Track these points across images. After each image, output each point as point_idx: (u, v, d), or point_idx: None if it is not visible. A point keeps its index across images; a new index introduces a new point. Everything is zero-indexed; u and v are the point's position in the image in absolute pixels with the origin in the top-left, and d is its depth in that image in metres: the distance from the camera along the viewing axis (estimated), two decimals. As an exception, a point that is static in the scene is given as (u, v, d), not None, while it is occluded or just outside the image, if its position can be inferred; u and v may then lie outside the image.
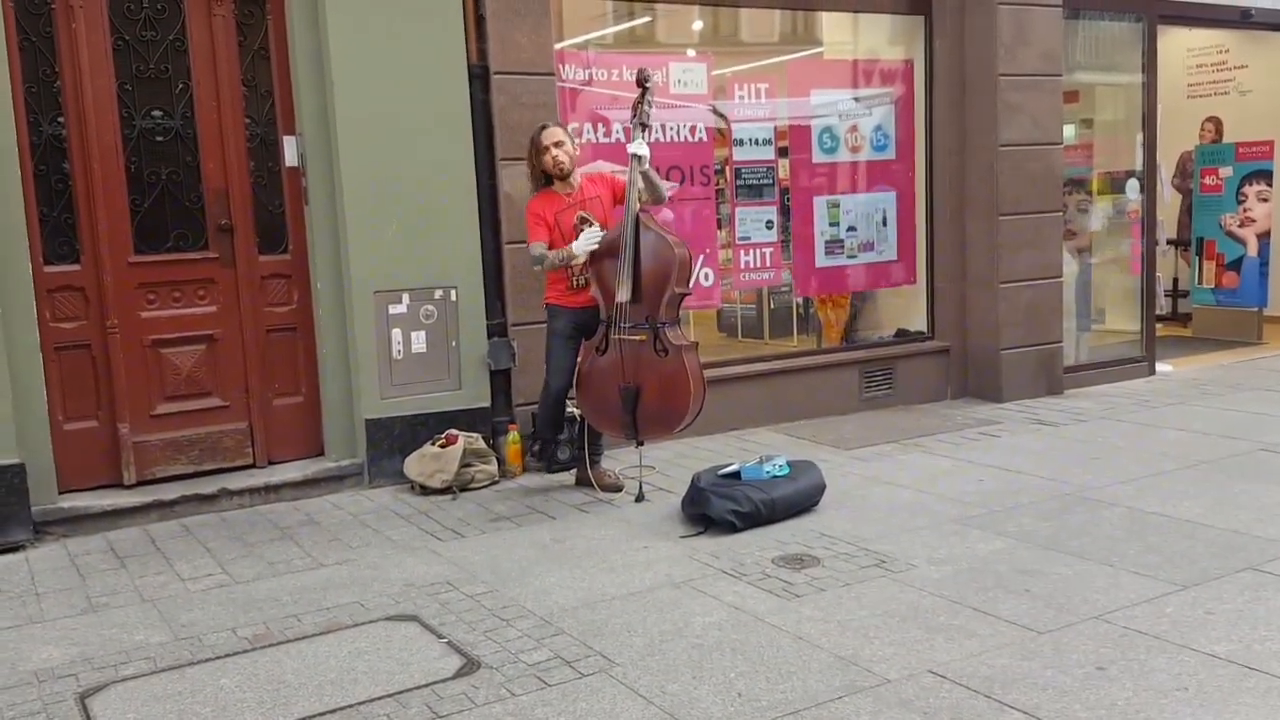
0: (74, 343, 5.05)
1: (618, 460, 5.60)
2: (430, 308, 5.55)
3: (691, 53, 6.61)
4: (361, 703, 3.10)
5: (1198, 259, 9.55)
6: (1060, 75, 7.16)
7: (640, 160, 4.90)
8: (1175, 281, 10.42)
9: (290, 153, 5.41)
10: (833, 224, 7.04)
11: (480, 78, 5.59)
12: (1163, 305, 9.40)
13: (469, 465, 5.35)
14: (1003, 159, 6.95)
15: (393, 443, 5.47)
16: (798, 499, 4.72)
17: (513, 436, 5.64)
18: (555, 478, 5.55)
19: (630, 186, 4.94)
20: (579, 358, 5.14)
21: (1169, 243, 10.03)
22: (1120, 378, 7.76)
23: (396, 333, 5.48)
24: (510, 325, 5.75)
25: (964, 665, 3.19)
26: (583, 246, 4.91)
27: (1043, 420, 6.58)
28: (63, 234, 5.02)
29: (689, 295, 5.15)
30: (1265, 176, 9.08)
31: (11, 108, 4.71)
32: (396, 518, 4.98)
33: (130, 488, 5.12)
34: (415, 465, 5.38)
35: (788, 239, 6.94)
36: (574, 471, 5.47)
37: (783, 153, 6.86)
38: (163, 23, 5.14)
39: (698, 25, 6.82)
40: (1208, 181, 9.43)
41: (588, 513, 4.95)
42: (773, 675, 3.17)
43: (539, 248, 5.00)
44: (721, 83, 6.65)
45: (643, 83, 5.03)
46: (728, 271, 6.77)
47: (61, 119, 4.97)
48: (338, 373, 5.51)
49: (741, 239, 6.74)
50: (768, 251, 6.81)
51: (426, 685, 3.19)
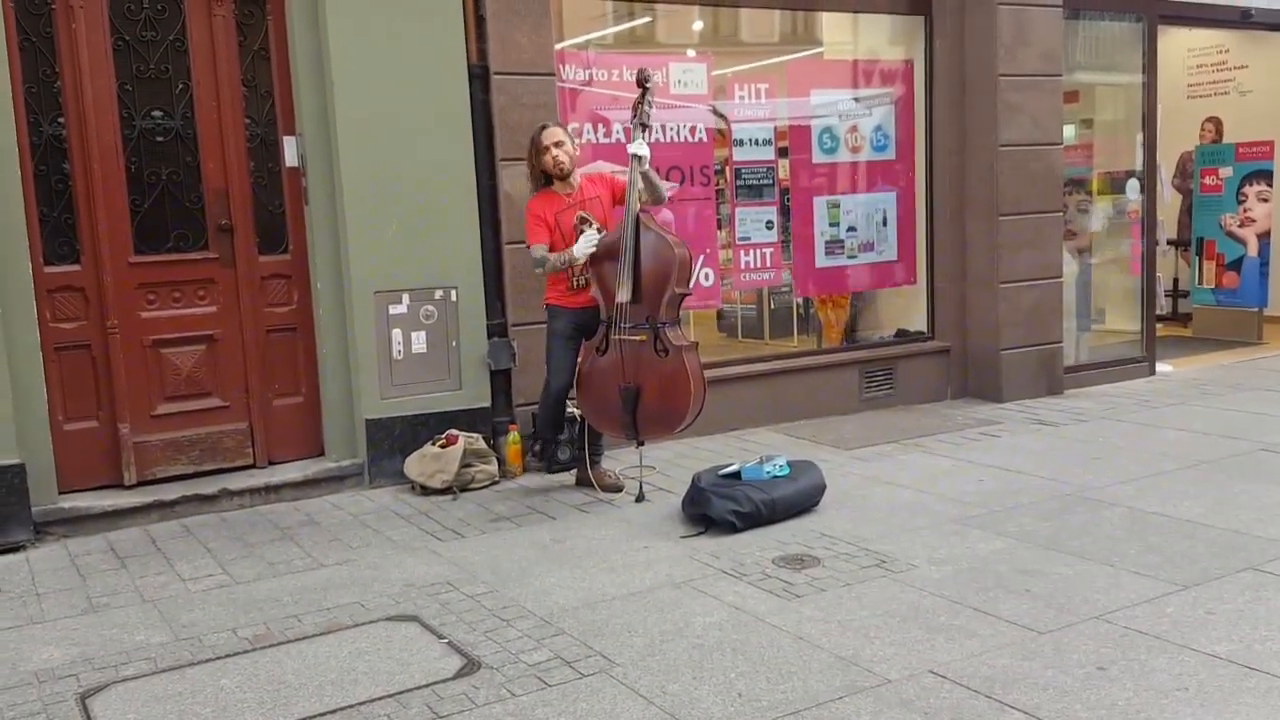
0: (74, 343, 5.05)
1: (618, 460, 5.60)
2: (430, 308, 5.55)
3: (691, 53, 6.61)
4: (362, 703, 3.10)
5: (1198, 259, 9.55)
6: (1060, 75, 7.16)
7: (640, 161, 4.90)
8: (1175, 281, 10.42)
9: (290, 153, 5.41)
10: (833, 224, 7.04)
11: (480, 78, 5.59)
12: (1163, 305, 9.41)
13: (469, 465, 5.35)
14: (1003, 159, 6.95)
15: (393, 443, 5.47)
16: (798, 499, 4.72)
17: (513, 437, 5.64)
18: (555, 478, 5.55)
19: (630, 187, 4.94)
20: (579, 358, 5.15)
21: (1169, 243, 10.04)
22: (1120, 378, 7.76)
23: (397, 333, 5.49)
24: (510, 325, 5.76)
25: (964, 665, 3.19)
26: (583, 249, 4.91)
27: (1043, 420, 6.58)
28: (63, 234, 5.03)
29: (689, 295, 5.15)
30: (1265, 176, 9.08)
31: (11, 108, 4.71)
32: (397, 518, 4.98)
33: (131, 488, 5.13)
34: (415, 465, 5.38)
35: (788, 239, 6.94)
36: (574, 472, 5.48)
37: (783, 153, 6.86)
38: (163, 23, 5.14)
39: (698, 25, 6.82)
40: (1208, 181, 9.43)
41: (588, 513, 4.95)
42: (773, 675, 3.17)
43: (540, 250, 5.01)
44: (721, 83, 6.65)
45: (643, 83, 5.03)
46: (728, 272, 6.77)
47: (61, 119, 4.97)
48: (338, 373, 5.51)
49: (741, 239, 6.74)
50: (768, 252, 6.81)
51: (427, 685, 3.19)
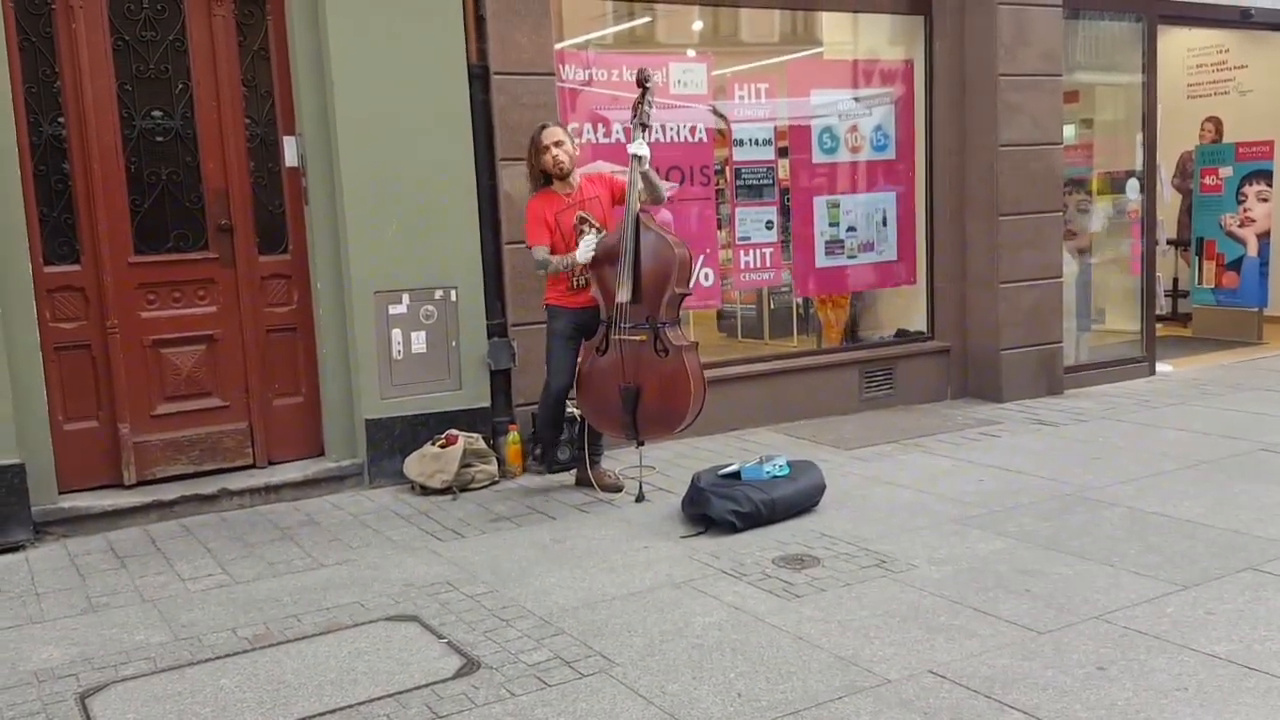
0: (74, 343, 5.05)
1: (618, 460, 5.60)
2: (430, 308, 5.55)
3: (691, 53, 6.61)
4: (361, 703, 3.10)
5: (1198, 259, 9.55)
6: (1060, 75, 7.16)
7: (640, 161, 4.90)
8: (1175, 281, 10.42)
9: (290, 153, 5.41)
10: (833, 224, 7.04)
11: (480, 78, 5.59)
12: (1163, 305, 9.40)
13: (469, 465, 5.35)
14: (1003, 159, 6.95)
15: (393, 443, 5.47)
16: (798, 499, 4.72)
17: (513, 437, 5.64)
18: (555, 478, 5.55)
19: (630, 187, 4.93)
20: (579, 358, 5.14)
21: (1169, 243, 10.04)
22: (1120, 378, 7.76)
23: (396, 333, 5.48)
24: (510, 325, 5.76)
25: (964, 665, 3.19)
26: (584, 254, 4.91)
27: (1043, 420, 6.58)
28: (63, 234, 5.03)
29: (689, 295, 5.15)
30: (1265, 176, 9.08)
31: (11, 108, 4.71)
32: (397, 518, 4.98)
33: (130, 488, 5.13)
34: (415, 465, 5.38)
35: (788, 239, 6.94)
36: (574, 471, 5.47)
37: (783, 153, 6.86)
38: (163, 23, 5.14)
39: (698, 25, 6.82)
40: (1208, 181, 9.43)
41: (588, 513, 4.95)
42: (773, 675, 3.17)
43: (541, 252, 5.01)
44: (721, 83, 6.65)
45: (643, 83, 5.03)
46: (728, 272, 6.77)
47: (61, 119, 4.97)
48: (338, 373, 5.51)
49: (741, 239, 6.74)
50: (768, 252, 6.81)
51: (426, 685, 3.19)
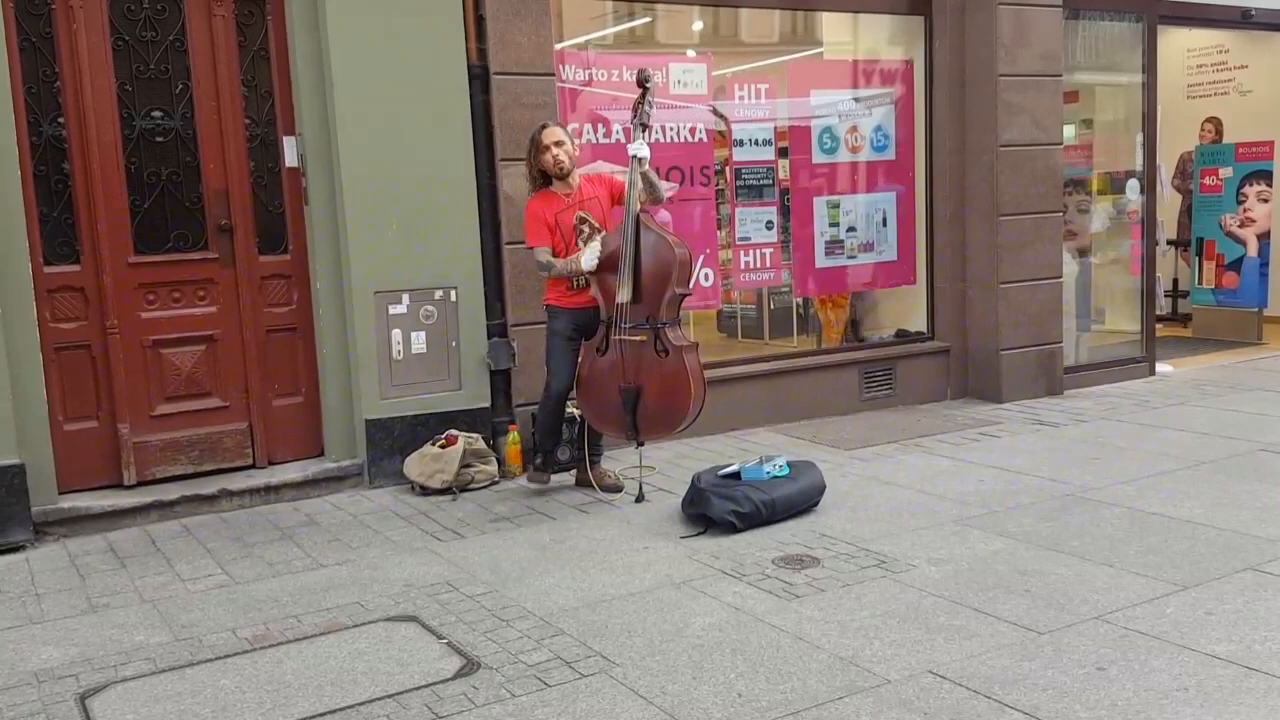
0: (74, 343, 5.05)
1: (618, 460, 5.60)
2: (430, 308, 5.55)
3: (691, 53, 6.60)
4: (361, 703, 3.10)
5: (1198, 259, 9.55)
6: (1060, 75, 7.16)
7: (641, 162, 4.90)
8: (1175, 282, 10.42)
9: (290, 153, 5.41)
10: (833, 224, 7.04)
11: (480, 78, 5.59)
12: (1163, 305, 9.40)
13: (469, 466, 5.35)
14: (1003, 159, 6.95)
15: (393, 443, 5.47)
16: (798, 499, 4.72)
17: (513, 437, 5.64)
18: (555, 478, 5.53)
19: (630, 187, 4.93)
20: (579, 358, 5.14)
21: (1169, 243, 10.04)
22: (1120, 378, 7.76)
23: (396, 333, 5.48)
24: (510, 325, 5.75)
25: (964, 665, 3.19)
26: (588, 262, 4.91)
27: (1043, 420, 6.58)
28: (63, 234, 5.02)
29: (689, 295, 5.15)
30: (1265, 177, 9.08)
31: (11, 108, 4.71)
32: (396, 518, 4.98)
33: (130, 488, 5.12)
34: (415, 466, 5.38)
35: (788, 239, 6.94)
36: (574, 472, 5.47)
37: (783, 153, 6.86)
38: (163, 23, 5.14)
39: (698, 25, 6.82)
40: (1208, 182, 9.43)
41: (588, 513, 4.95)
42: (773, 675, 3.17)
43: (544, 254, 5.00)
44: (721, 83, 6.65)
45: (643, 83, 5.02)
46: (728, 272, 6.77)
47: (61, 119, 4.97)
48: (338, 373, 5.51)
49: (741, 239, 6.74)
50: (768, 252, 6.81)
51: (426, 686, 3.19)
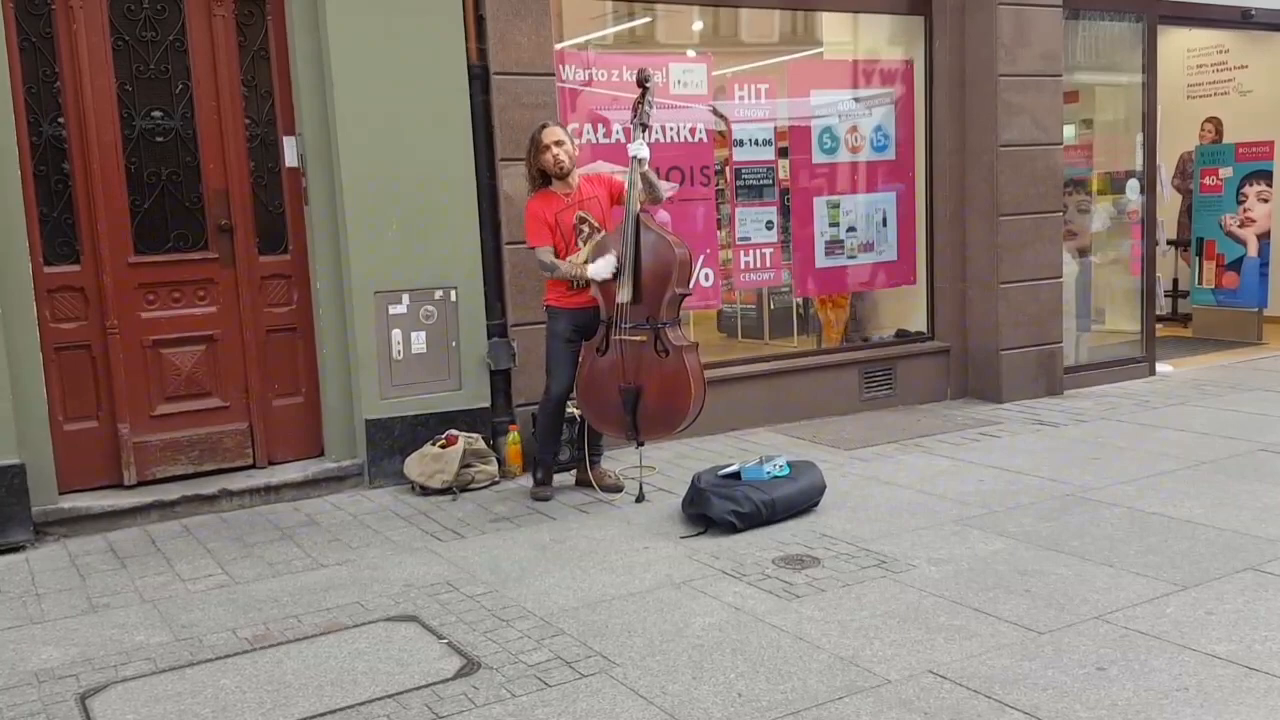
0: (74, 343, 5.05)
1: (618, 460, 5.60)
2: (430, 308, 5.55)
3: (691, 53, 6.60)
4: (361, 703, 3.10)
5: (1198, 259, 9.55)
6: (1060, 75, 7.16)
7: (641, 162, 4.90)
8: (1175, 282, 10.42)
9: (290, 153, 5.41)
10: (833, 224, 7.04)
11: (480, 78, 5.59)
12: (1163, 305, 9.40)
13: (469, 466, 5.35)
14: (1003, 159, 6.95)
15: (393, 443, 5.47)
16: (798, 499, 4.72)
17: (513, 437, 5.64)
18: (555, 478, 5.54)
19: (630, 188, 4.93)
20: (579, 360, 5.14)
21: (1169, 243, 10.04)
22: (1120, 378, 7.76)
23: (396, 333, 5.48)
24: (510, 325, 5.75)
25: (964, 665, 3.19)
26: (599, 272, 4.90)
27: (1043, 420, 6.58)
28: (63, 234, 5.02)
29: (689, 295, 5.15)
30: (1265, 177, 9.08)
31: (11, 108, 4.71)
32: (396, 518, 4.98)
33: (130, 488, 5.12)
34: (415, 466, 5.38)
35: (788, 239, 6.94)
36: (574, 472, 5.47)
37: (783, 153, 6.86)
38: (163, 23, 5.14)
39: (698, 25, 6.82)
40: (1208, 182, 9.43)
41: (588, 513, 4.95)
42: (773, 675, 3.17)
43: (547, 253, 5.00)
44: (721, 83, 6.65)
45: (643, 83, 5.02)
46: (728, 272, 6.77)
47: (61, 119, 4.97)
48: (338, 373, 5.51)
49: (741, 239, 6.74)
50: (768, 252, 6.81)
51: (426, 686, 3.19)
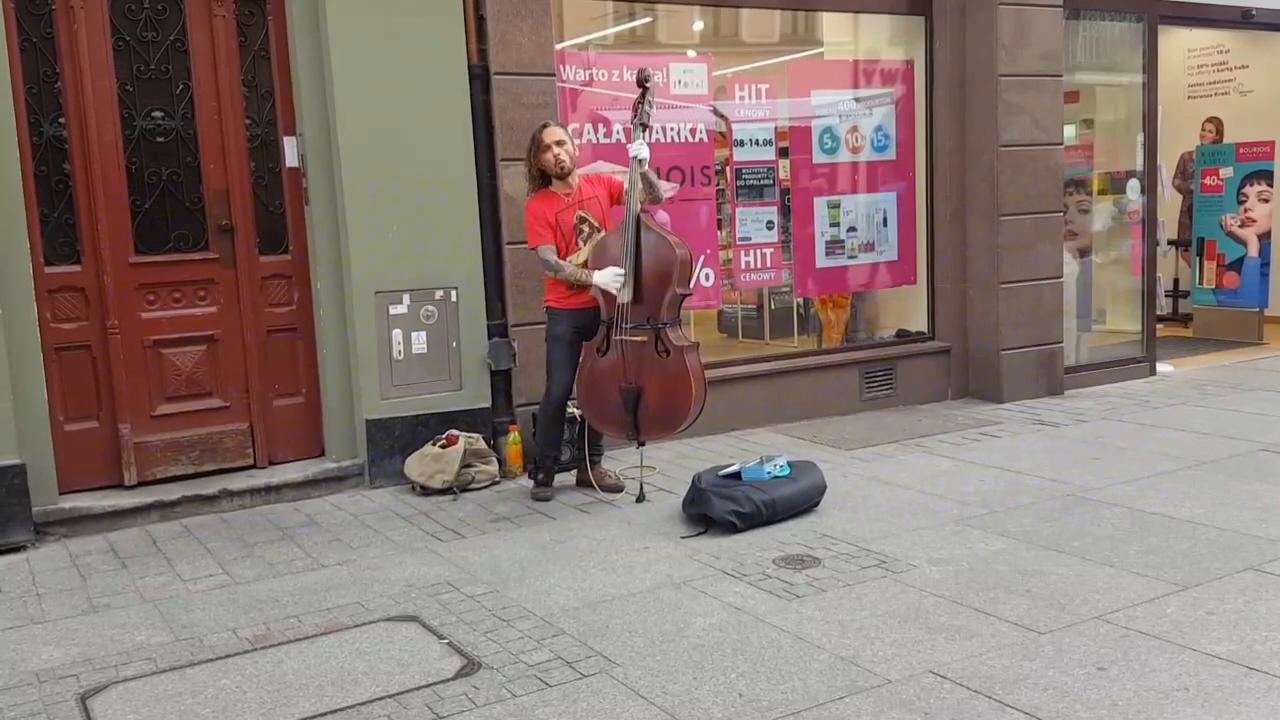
0: (74, 343, 5.05)
1: (618, 461, 5.60)
2: (430, 308, 5.55)
3: (692, 53, 6.60)
4: (362, 703, 3.10)
5: (1198, 259, 9.55)
6: (1060, 75, 7.16)
7: (641, 162, 4.90)
8: (1176, 282, 10.42)
9: (291, 153, 5.41)
10: (833, 224, 7.04)
11: (480, 78, 5.59)
12: (1163, 305, 9.41)
13: (470, 466, 5.35)
14: (1003, 159, 6.95)
15: (393, 443, 5.47)
16: (798, 499, 4.72)
17: (513, 437, 5.64)
18: (556, 478, 5.53)
19: (630, 188, 4.93)
20: (579, 361, 5.13)
21: (1170, 243, 10.04)
22: (1121, 378, 7.76)
23: (397, 333, 5.48)
24: (510, 325, 5.75)
25: (965, 666, 3.19)
26: (606, 282, 4.88)
27: (1043, 420, 6.58)
28: (63, 234, 5.03)
29: (690, 296, 5.15)
30: (1266, 177, 9.07)
31: (12, 108, 4.71)
32: (397, 518, 4.98)
33: (131, 488, 5.12)
34: (416, 466, 5.38)
35: (788, 239, 6.94)
36: (574, 472, 5.47)
37: (783, 153, 6.86)
38: (163, 23, 5.14)
39: (698, 26, 6.82)
40: (1208, 182, 9.43)
41: (588, 513, 4.95)
42: (773, 676, 3.17)
43: (550, 253, 5.00)
44: (722, 83, 6.65)
45: (643, 83, 5.02)
46: (728, 272, 6.77)
47: (62, 119, 4.97)
48: (338, 373, 5.51)
49: (742, 239, 6.74)
50: (768, 252, 6.81)
51: (427, 686, 3.19)
